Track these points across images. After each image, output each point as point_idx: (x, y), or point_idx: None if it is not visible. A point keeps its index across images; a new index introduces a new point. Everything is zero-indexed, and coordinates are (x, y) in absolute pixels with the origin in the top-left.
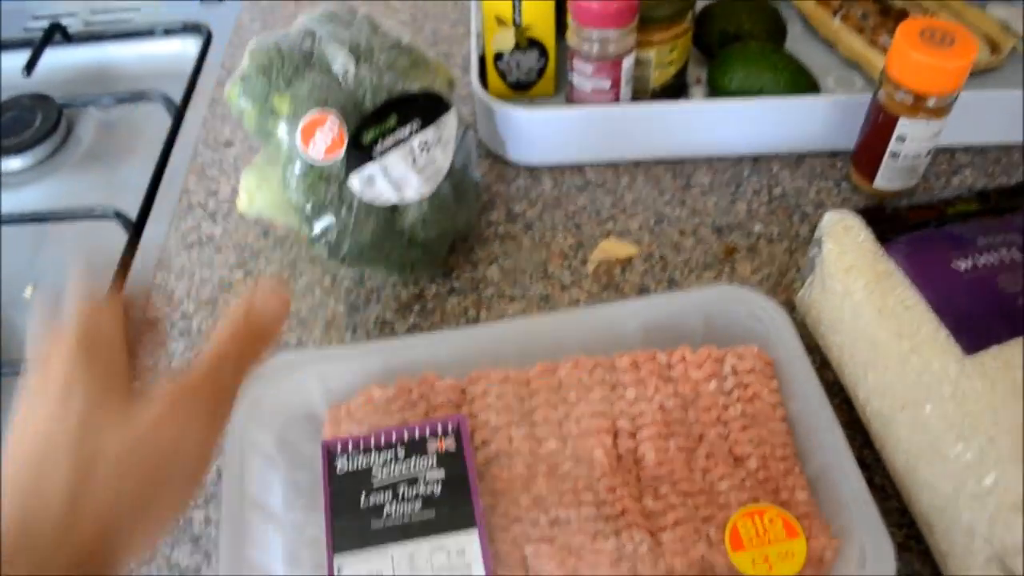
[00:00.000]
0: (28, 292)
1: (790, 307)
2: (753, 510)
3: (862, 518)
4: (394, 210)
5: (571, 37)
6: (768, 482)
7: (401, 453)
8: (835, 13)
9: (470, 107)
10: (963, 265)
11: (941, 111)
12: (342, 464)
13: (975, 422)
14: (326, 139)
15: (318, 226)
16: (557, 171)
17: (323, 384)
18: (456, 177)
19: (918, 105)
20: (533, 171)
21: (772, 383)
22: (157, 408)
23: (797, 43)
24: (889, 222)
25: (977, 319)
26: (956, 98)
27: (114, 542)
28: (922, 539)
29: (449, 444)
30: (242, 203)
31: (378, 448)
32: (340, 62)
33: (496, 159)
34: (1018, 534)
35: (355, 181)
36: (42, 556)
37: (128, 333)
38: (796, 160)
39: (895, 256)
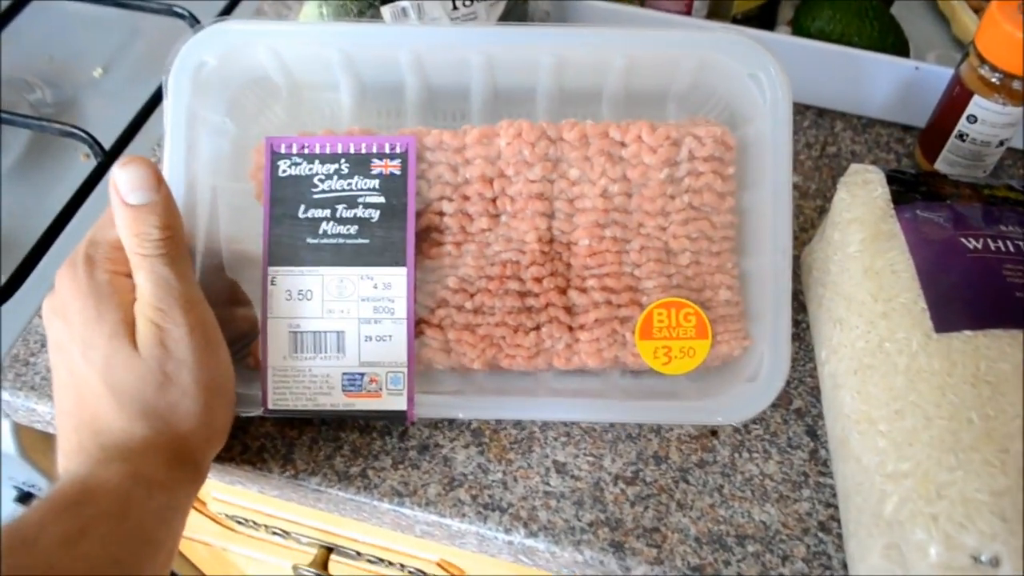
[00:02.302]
0: (97, 73)
1: (798, 263)
2: (672, 302)
3: (773, 330)
4: None
5: None
6: (696, 279)
7: (345, 168)
8: None
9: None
10: (972, 244)
11: (1022, 97)
12: (285, 167)
13: (918, 401)
14: None
15: None
16: None
17: (277, 56)
18: None
19: (1000, 85)
20: None
21: (728, 170)
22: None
23: (910, 9)
24: (915, 187)
25: (963, 300)
26: None
27: (198, 441)
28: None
29: (394, 167)
30: None
31: (323, 158)
32: None
33: None
34: (921, 527)
35: (387, 10)
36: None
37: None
38: (864, 124)
39: (904, 219)
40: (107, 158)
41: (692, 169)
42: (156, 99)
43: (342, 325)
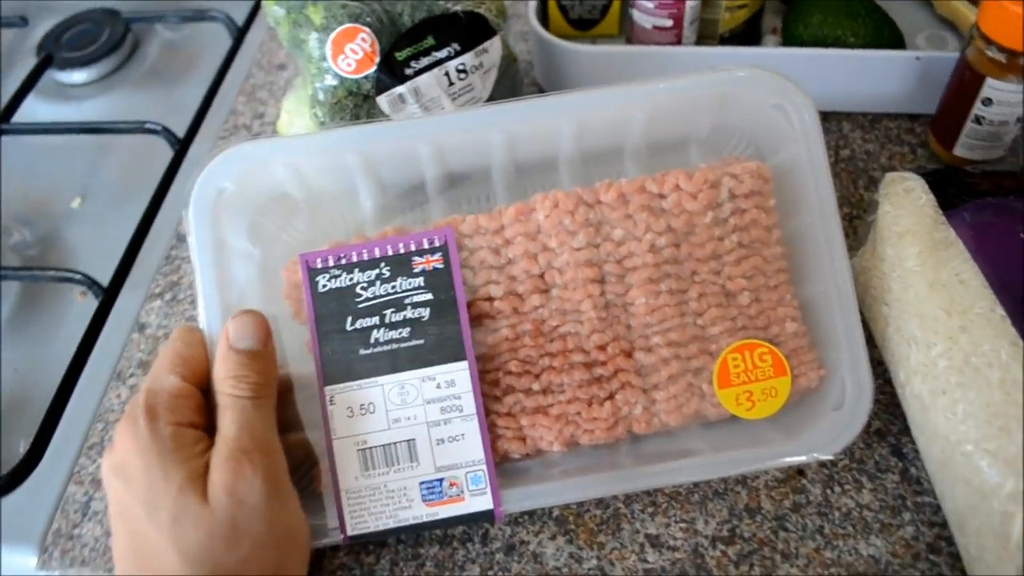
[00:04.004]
0: (76, 203)
1: None
2: (744, 345)
3: (849, 354)
4: None
5: None
6: (759, 316)
7: (386, 272)
8: None
9: (528, 46)
10: None
11: None
12: (324, 281)
13: (1022, 414)
14: (357, 54)
15: None
16: None
17: (294, 171)
18: None
19: (1010, 64)
20: None
21: (770, 202)
22: (236, 502)
23: None
24: (957, 188)
25: None
26: None
27: None
28: (952, 541)
29: (436, 261)
30: (282, 124)
31: (362, 266)
32: None
33: None
34: None
35: (383, 100)
36: None
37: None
38: (870, 121)
39: (957, 224)
40: (106, 295)
41: (735, 208)
42: (145, 224)
43: (411, 433)
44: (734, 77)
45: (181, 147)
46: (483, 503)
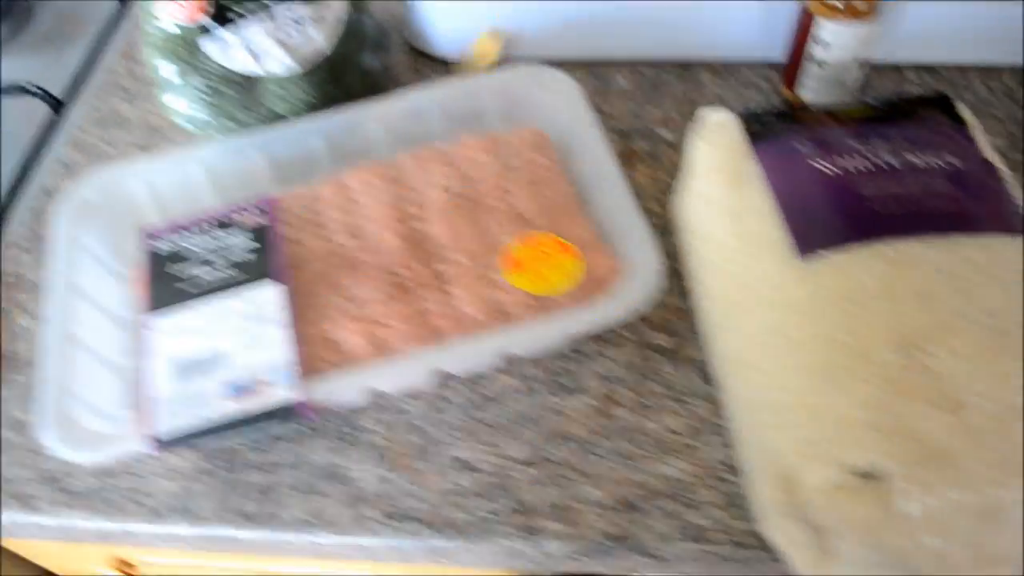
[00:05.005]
0: None
1: (665, 221)
2: (527, 237)
3: (633, 239)
4: (255, 82)
5: None
6: (552, 230)
7: (217, 231)
8: None
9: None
10: (826, 168)
11: (867, 14)
12: (160, 245)
13: (789, 331)
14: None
15: (175, 92)
16: None
17: (151, 189)
18: (338, 61)
19: (844, 5)
20: (450, 66)
21: (551, 153)
22: None
23: None
24: (772, 124)
25: (824, 222)
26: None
27: None
28: None
29: (259, 218)
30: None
31: (195, 229)
32: None
33: (420, 55)
34: (801, 452)
35: (211, 46)
36: None
37: None
38: (727, 69)
39: (764, 157)
40: None
41: (523, 156)
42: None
43: (223, 343)
44: (516, 74)
45: (62, 107)
46: (290, 395)
